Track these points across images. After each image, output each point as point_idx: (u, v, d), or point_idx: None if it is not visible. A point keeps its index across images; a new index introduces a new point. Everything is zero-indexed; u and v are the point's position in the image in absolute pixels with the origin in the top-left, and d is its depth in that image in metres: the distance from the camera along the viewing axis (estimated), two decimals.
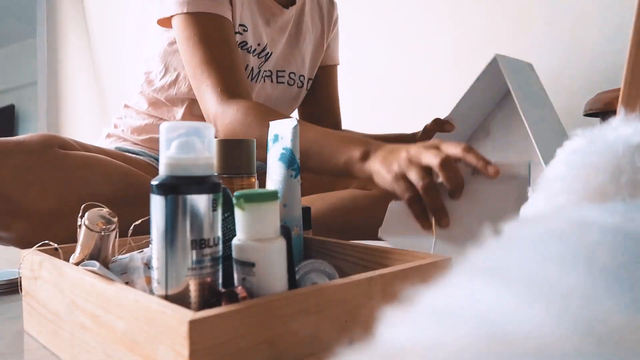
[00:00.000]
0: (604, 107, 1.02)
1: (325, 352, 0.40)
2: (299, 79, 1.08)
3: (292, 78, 1.06)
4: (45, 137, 0.82)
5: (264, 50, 0.98)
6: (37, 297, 0.55)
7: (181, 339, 0.33)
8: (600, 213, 0.25)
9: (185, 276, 0.40)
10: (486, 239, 0.23)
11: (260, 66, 0.98)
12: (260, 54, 0.97)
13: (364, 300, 0.43)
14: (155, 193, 0.40)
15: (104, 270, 0.47)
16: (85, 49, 2.96)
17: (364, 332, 0.20)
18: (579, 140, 0.39)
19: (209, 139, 0.43)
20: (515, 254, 0.22)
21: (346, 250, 0.59)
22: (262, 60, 0.98)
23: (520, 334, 0.15)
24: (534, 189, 0.41)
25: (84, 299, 0.45)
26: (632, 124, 0.38)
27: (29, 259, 0.56)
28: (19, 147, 0.76)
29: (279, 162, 0.60)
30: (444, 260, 0.50)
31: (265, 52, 0.98)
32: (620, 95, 0.58)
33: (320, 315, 0.40)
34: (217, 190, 0.42)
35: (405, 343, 0.17)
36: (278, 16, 1.00)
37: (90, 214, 0.53)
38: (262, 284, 0.40)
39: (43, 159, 0.77)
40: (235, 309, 0.35)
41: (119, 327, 0.39)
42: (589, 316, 0.16)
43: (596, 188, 0.35)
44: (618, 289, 0.17)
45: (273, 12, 0.99)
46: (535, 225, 0.26)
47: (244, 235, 0.41)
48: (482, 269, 0.21)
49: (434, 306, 0.19)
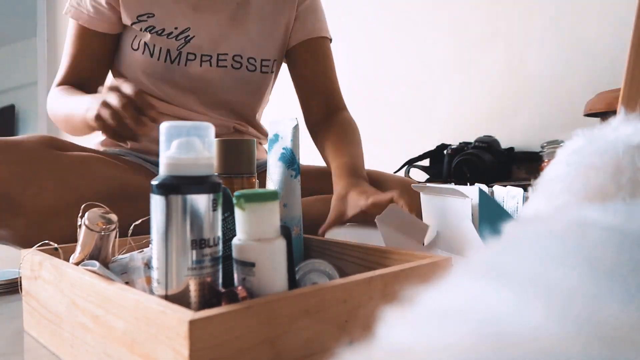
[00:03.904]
0: (604, 107, 1.02)
1: (325, 352, 0.40)
2: (247, 62, 1.04)
3: (237, 61, 1.03)
4: (43, 138, 0.83)
5: (183, 33, 0.99)
6: (37, 297, 0.55)
7: (181, 339, 0.33)
8: (600, 213, 0.25)
9: (185, 276, 0.40)
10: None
11: (180, 48, 0.99)
12: (179, 37, 0.99)
13: (364, 300, 0.43)
14: (155, 193, 0.40)
15: (104, 270, 0.47)
16: None
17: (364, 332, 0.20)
18: (579, 140, 0.39)
19: (209, 139, 0.43)
20: (516, 254, 0.22)
21: (346, 250, 0.59)
22: (182, 42, 0.99)
23: (521, 335, 0.15)
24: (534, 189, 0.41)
25: (84, 299, 0.45)
26: (632, 124, 0.38)
27: (29, 259, 0.56)
28: (17, 146, 0.77)
29: (279, 162, 0.60)
30: (444, 260, 0.50)
31: (184, 34, 0.99)
32: (620, 95, 0.58)
33: (320, 315, 0.40)
34: (217, 190, 0.42)
35: (405, 343, 0.17)
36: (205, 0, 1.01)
37: (90, 213, 0.53)
38: (262, 284, 0.40)
39: (40, 158, 0.77)
40: (235, 309, 0.35)
41: (119, 327, 0.39)
42: (591, 316, 0.16)
43: (596, 188, 0.35)
44: (619, 288, 0.17)
45: None
46: (536, 225, 0.26)
47: (244, 235, 0.41)
48: (483, 269, 0.21)
49: (434, 306, 0.19)
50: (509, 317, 0.16)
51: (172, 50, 0.99)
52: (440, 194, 0.70)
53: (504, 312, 0.17)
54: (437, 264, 0.50)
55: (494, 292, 0.18)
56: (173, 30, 0.99)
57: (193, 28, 1.00)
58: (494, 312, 0.17)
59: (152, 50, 0.99)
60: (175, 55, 0.99)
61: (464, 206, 0.65)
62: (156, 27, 0.98)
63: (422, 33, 1.77)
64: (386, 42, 1.87)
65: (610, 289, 0.17)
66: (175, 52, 0.99)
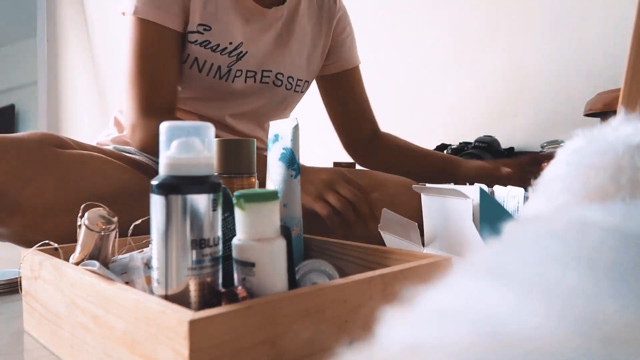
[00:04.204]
0: (604, 107, 1.02)
1: (326, 352, 0.40)
2: (287, 80, 1.06)
3: (279, 79, 1.04)
4: (43, 135, 0.82)
5: (237, 49, 0.97)
6: (37, 297, 0.55)
7: (181, 339, 0.33)
8: (600, 213, 0.24)
9: (185, 276, 0.40)
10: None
11: (231, 65, 0.97)
12: (232, 53, 0.97)
13: (364, 300, 0.43)
14: (155, 193, 0.40)
15: (104, 270, 0.47)
16: (85, 48, 2.96)
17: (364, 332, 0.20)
18: (579, 140, 0.39)
19: (209, 139, 0.43)
20: (516, 254, 0.22)
21: (346, 250, 0.59)
22: (234, 59, 0.97)
23: (521, 334, 0.15)
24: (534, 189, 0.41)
25: (84, 299, 0.45)
26: (632, 124, 0.38)
27: (29, 259, 0.56)
28: (17, 143, 0.76)
29: (279, 162, 0.60)
30: (444, 260, 0.50)
31: (237, 50, 0.97)
32: (620, 95, 0.58)
33: (321, 315, 0.40)
34: (217, 190, 0.42)
35: (406, 343, 0.17)
36: (257, 15, 1.00)
37: (90, 213, 0.53)
38: (262, 284, 0.40)
39: (40, 156, 0.77)
40: (235, 309, 0.35)
41: (119, 327, 0.39)
42: (590, 316, 0.16)
43: (596, 188, 0.35)
44: (619, 288, 0.17)
45: (251, 11, 0.99)
46: (536, 225, 0.26)
47: (244, 235, 0.41)
48: (482, 269, 0.21)
49: (434, 306, 0.19)
50: (509, 317, 0.16)
51: (222, 67, 0.96)
52: (441, 194, 0.70)
53: (503, 312, 0.17)
54: (437, 264, 0.50)
55: (493, 292, 0.18)
56: (227, 45, 0.96)
57: (246, 43, 0.98)
58: (493, 312, 0.17)
59: (202, 66, 0.94)
60: (225, 72, 0.97)
61: (465, 206, 0.66)
62: (211, 43, 0.94)
63: (422, 33, 1.77)
64: (386, 41, 1.86)
65: (609, 289, 0.17)
66: (226, 69, 0.97)
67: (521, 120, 1.52)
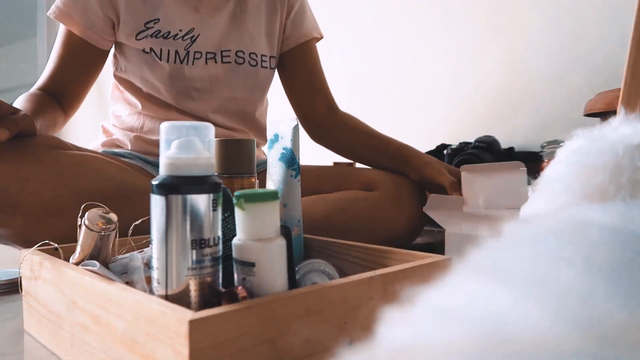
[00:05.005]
0: (604, 107, 1.02)
1: (325, 353, 0.40)
2: (249, 57, 1.07)
3: (239, 56, 1.06)
4: (42, 136, 0.83)
5: (189, 34, 1.02)
6: (37, 297, 0.55)
7: (181, 339, 0.33)
8: (600, 213, 0.25)
9: (185, 276, 0.40)
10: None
11: (188, 47, 1.02)
12: (185, 37, 1.02)
13: (364, 300, 0.43)
14: (155, 193, 0.40)
15: (104, 270, 0.47)
16: None
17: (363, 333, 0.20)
18: (579, 140, 0.39)
19: (209, 139, 0.43)
20: (515, 254, 0.22)
21: (346, 250, 0.59)
22: (188, 42, 1.02)
23: (519, 333, 0.15)
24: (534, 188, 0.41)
25: (84, 299, 0.45)
26: (632, 124, 0.38)
27: (29, 259, 0.56)
28: (16, 144, 0.76)
29: (279, 162, 0.60)
30: (444, 260, 0.50)
31: (190, 35, 1.02)
32: (620, 95, 0.58)
33: (320, 315, 0.40)
34: (217, 190, 0.42)
35: (405, 343, 0.17)
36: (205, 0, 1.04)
37: (90, 213, 0.53)
38: (262, 284, 0.40)
39: (39, 156, 0.77)
40: (235, 309, 0.35)
41: (119, 327, 0.39)
42: (587, 315, 0.16)
43: (596, 188, 0.35)
44: (616, 288, 0.17)
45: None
46: (535, 224, 0.26)
47: (244, 235, 0.41)
48: (481, 268, 0.21)
49: (433, 306, 0.19)
50: (508, 316, 0.16)
51: (180, 51, 1.01)
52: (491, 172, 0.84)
53: (502, 311, 0.17)
54: (437, 264, 0.50)
55: (493, 292, 0.18)
56: (178, 32, 1.01)
57: (197, 28, 1.03)
58: (493, 311, 0.17)
59: (160, 54, 1.00)
60: (184, 55, 1.01)
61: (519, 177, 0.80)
62: (162, 31, 1.00)
63: (421, 33, 1.77)
64: (385, 41, 1.87)
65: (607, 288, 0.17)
66: (184, 51, 1.01)
67: (521, 120, 1.52)
